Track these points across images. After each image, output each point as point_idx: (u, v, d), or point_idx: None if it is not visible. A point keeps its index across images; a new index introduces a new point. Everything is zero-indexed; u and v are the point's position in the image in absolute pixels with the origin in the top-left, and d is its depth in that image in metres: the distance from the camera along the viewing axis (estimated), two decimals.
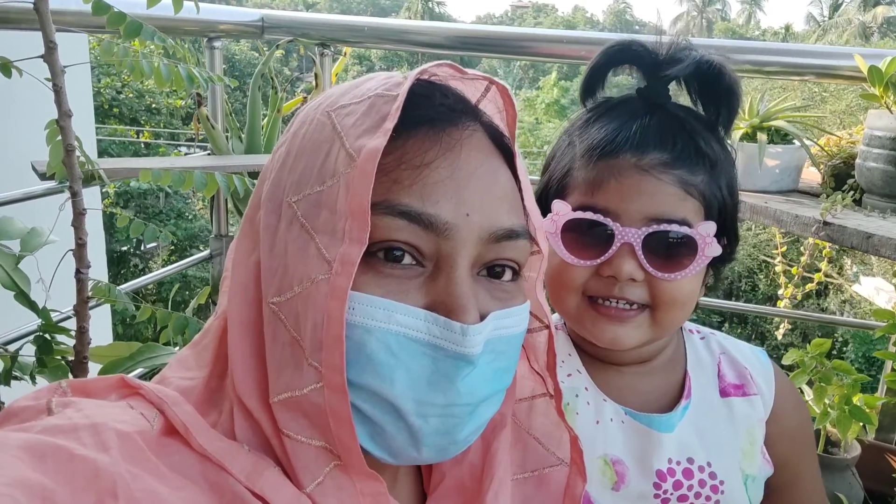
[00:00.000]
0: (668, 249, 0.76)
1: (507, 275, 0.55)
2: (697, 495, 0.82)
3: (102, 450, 0.42)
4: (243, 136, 1.90)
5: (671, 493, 0.82)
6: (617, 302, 0.78)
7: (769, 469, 0.88)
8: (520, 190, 0.57)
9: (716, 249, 0.77)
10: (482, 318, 0.51)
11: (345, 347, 0.46)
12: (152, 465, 0.45)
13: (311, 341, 0.48)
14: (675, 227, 0.75)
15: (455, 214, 0.50)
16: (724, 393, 0.88)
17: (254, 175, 1.46)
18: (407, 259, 0.50)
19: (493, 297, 0.53)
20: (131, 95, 13.42)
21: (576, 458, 0.65)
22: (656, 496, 0.81)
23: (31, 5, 1.10)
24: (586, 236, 0.77)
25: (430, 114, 0.52)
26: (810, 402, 1.47)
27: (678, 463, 0.82)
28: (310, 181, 0.51)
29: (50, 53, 1.11)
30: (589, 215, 0.76)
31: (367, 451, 0.50)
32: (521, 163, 0.57)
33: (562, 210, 0.77)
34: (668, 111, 0.81)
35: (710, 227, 0.77)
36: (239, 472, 0.48)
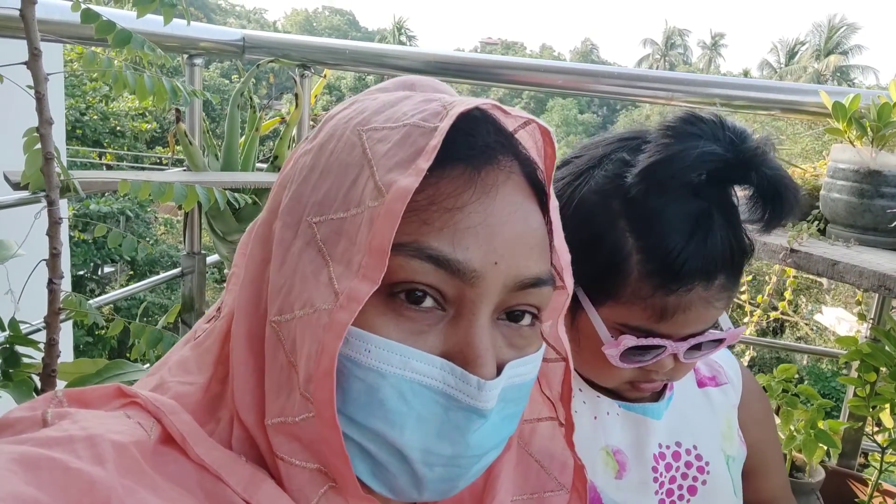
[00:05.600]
0: (701, 346, 0.81)
1: (527, 319, 0.53)
2: (685, 476, 0.88)
3: (98, 463, 0.41)
4: (220, 154, 1.90)
5: (664, 476, 0.87)
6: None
7: (745, 451, 0.95)
8: (549, 231, 0.55)
9: (738, 337, 0.84)
10: (499, 368, 0.50)
11: (335, 383, 0.45)
12: (148, 477, 0.44)
13: (304, 371, 0.47)
14: (715, 335, 0.80)
15: (483, 263, 0.48)
16: (700, 384, 0.96)
17: (232, 190, 1.45)
18: (428, 301, 0.48)
19: (511, 345, 0.52)
20: (95, 117, 13.25)
21: (578, 486, 0.64)
22: (655, 480, 0.86)
23: (17, 12, 1.10)
24: (640, 350, 0.79)
25: (467, 153, 0.49)
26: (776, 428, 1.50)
27: (667, 447, 0.88)
28: (333, 205, 0.49)
29: (34, 61, 1.10)
30: (650, 341, 0.77)
31: (368, 486, 0.50)
32: (554, 202, 0.56)
33: (629, 343, 0.77)
34: (727, 201, 0.78)
35: (740, 331, 0.83)
36: (236, 483, 0.47)
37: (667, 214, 0.75)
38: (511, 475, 0.63)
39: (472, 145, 0.50)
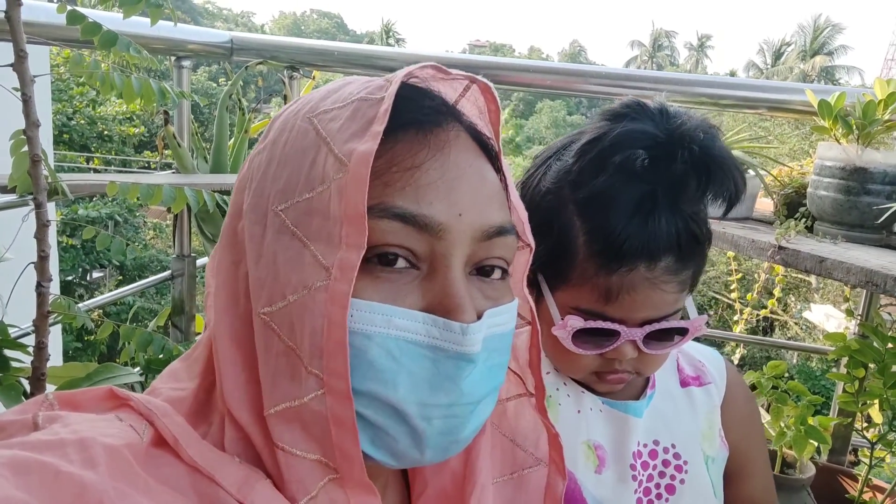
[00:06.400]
0: (663, 334, 0.80)
1: (497, 273, 0.55)
2: (662, 475, 0.88)
3: (89, 466, 0.41)
4: (209, 155, 1.89)
5: (642, 474, 0.87)
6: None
7: (726, 452, 0.95)
8: (505, 187, 0.57)
9: (703, 329, 0.82)
10: (479, 316, 0.51)
11: (349, 353, 0.46)
12: (141, 480, 0.43)
13: (309, 349, 0.47)
14: (672, 324, 0.79)
15: (448, 215, 0.50)
16: (683, 383, 0.96)
17: (222, 192, 1.45)
18: (401, 262, 0.50)
19: (486, 296, 0.54)
20: (83, 122, 13.18)
21: (555, 457, 0.65)
22: (634, 478, 0.86)
23: (2, 14, 1.09)
24: (593, 334, 0.79)
25: (416, 116, 0.52)
26: (766, 424, 1.51)
27: (645, 445, 0.89)
28: (297, 189, 0.50)
29: (20, 62, 1.09)
30: (600, 324, 0.78)
31: (369, 456, 0.50)
32: (504, 160, 0.58)
33: (576, 324, 0.78)
34: (674, 177, 0.76)
35: (703, 319, 0.82)
36: (230, 484, 0.47)
37: (610, 196, 0.76)
38: (489, 458, 0.63)
39: (420, 108, 0.52)
